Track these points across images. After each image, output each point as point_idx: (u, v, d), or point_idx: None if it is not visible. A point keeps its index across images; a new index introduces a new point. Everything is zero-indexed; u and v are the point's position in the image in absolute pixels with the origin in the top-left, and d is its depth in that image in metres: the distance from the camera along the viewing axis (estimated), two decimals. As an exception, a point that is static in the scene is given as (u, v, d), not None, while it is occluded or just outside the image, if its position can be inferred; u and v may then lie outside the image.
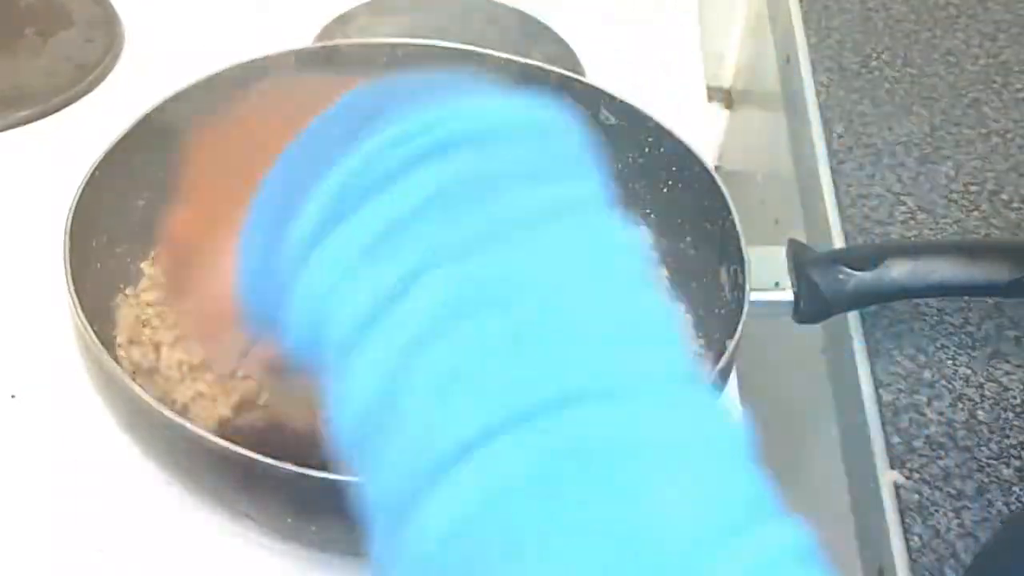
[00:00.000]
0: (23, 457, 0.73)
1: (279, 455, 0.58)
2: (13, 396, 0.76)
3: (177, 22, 1.07)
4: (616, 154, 0.84)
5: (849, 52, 1.06)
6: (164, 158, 0.79)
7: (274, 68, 0.82)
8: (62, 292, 0.66)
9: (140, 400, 0.61)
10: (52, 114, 0.96)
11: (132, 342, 0.72)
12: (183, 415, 0.66)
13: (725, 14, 1.35)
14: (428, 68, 0.41)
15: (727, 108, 1.41)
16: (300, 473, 0.59)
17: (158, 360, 0.71)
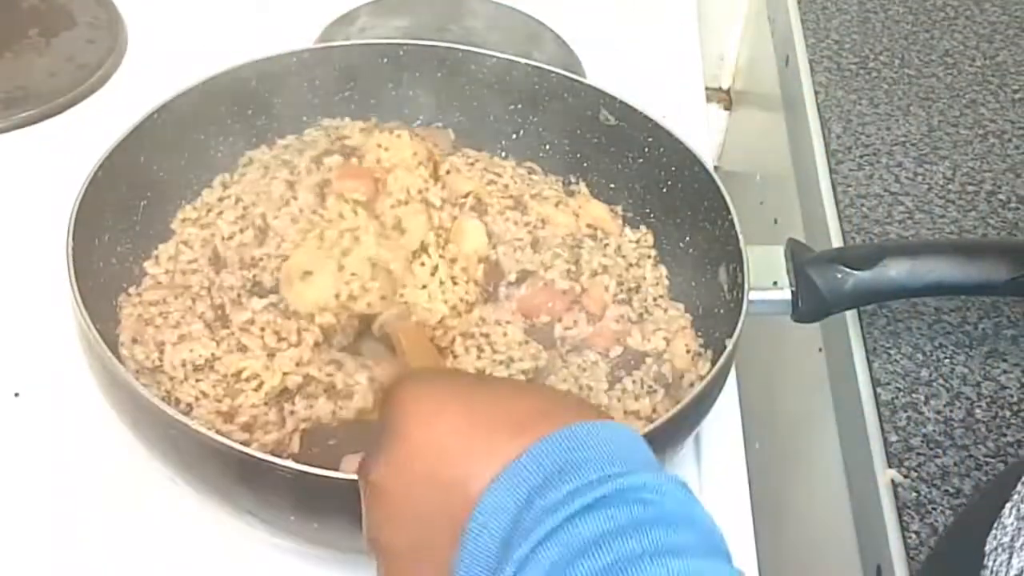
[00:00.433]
0: (27, 454, 0.73)
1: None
2: (17, 394, 0.76)
3: (179, 23, 1.08)
4: (616, 154, 0.84)
5: (847, 53, 1.07)
6: (166, 158, 0.80)
7: (275, 68, 0.83)
8: (65, 291, 0.66)
9: (143, 398, 0.62)
10: (55, 115, 0.97)
11: (135, 341, 0.72)
12: (186, 414, 0.66)
13: (725, 15, 1.35)
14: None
15: (726, 109, 1.41)
16: (302, 471, 0.59)
17: (161, 359, 0.71)
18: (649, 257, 0.82)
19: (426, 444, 0.46)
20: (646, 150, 0.83)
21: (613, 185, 0.85)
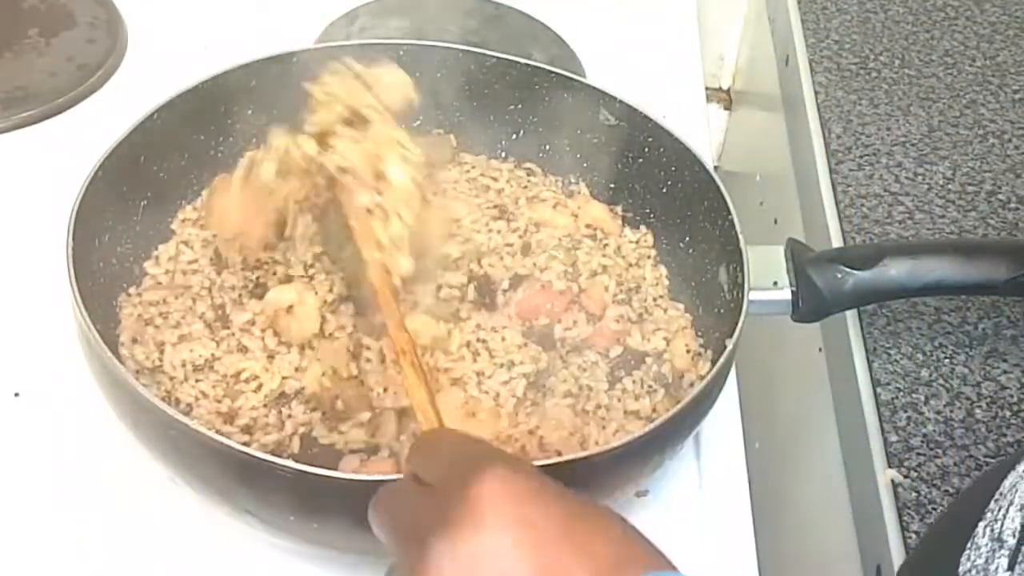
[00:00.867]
0: (27, 454, 0.73)
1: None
2: (17, 394, 0.76)
3: (179, 23, 1.08)
4: (616, 154, 0.84)
5: (847, 53, 1.07)
6: (166, 158, 0.80)
7: (275, 68, 0.83)
8: (65, 291, 0.66)
9: (143, 398, 0.61)
10: (55, 115, 0.97)
11: (135, 341, 0.72)
12: (186, 414, 0.66)
13: (725, 15, 1.35)
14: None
15: (726, 109, 1.41)
16: (301, 471, 0.59)
17: (161, 359, 0.72)
18: (649, 257, 0.82)
19: (498, 553, 0.44)
20: (646, 150, 0.83)
21: (613, 185, 0.85)
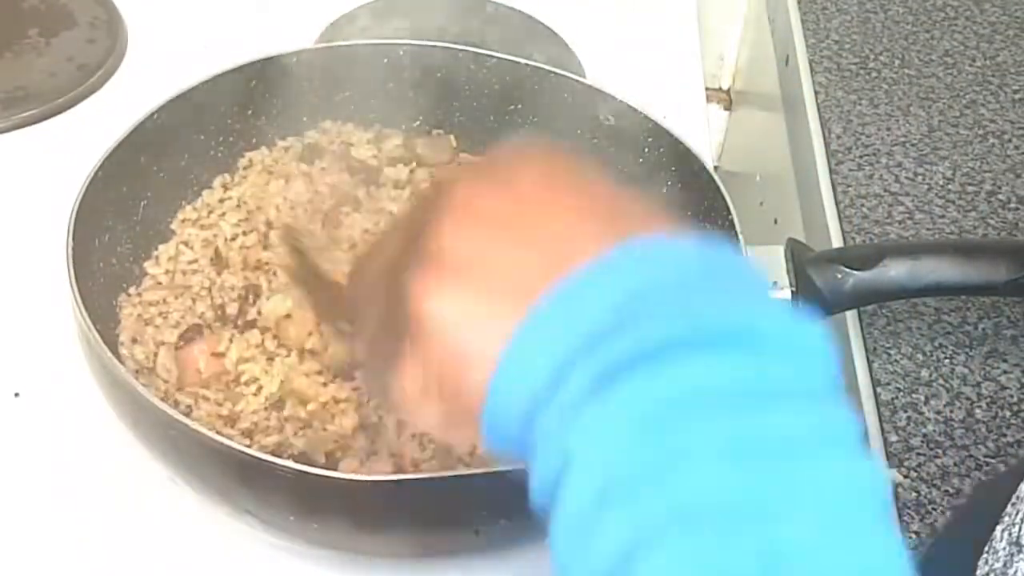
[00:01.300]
0: (27, 454, 0.73)
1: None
2: (17, 394, 0.76)
3: (179, 23, 1.07)
4: (616, 154, 0.84)
5: (847, 53, 1.07)
6: (167, 158, 0.80)
7: (275, 68, 0.83)
8: (65, 291, 0.66)
9: (143, 398, 0.62)
10: (55, 115, 0.97)
11: (135, 341, 0.72)
12: (186, 415, 0.66)
13: (725, 15, 1.35)
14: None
15: (726, 109, 1.41)
16: (301, 471, 0.59)
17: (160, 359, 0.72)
18: None
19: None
20: (646, 150, 0.83)
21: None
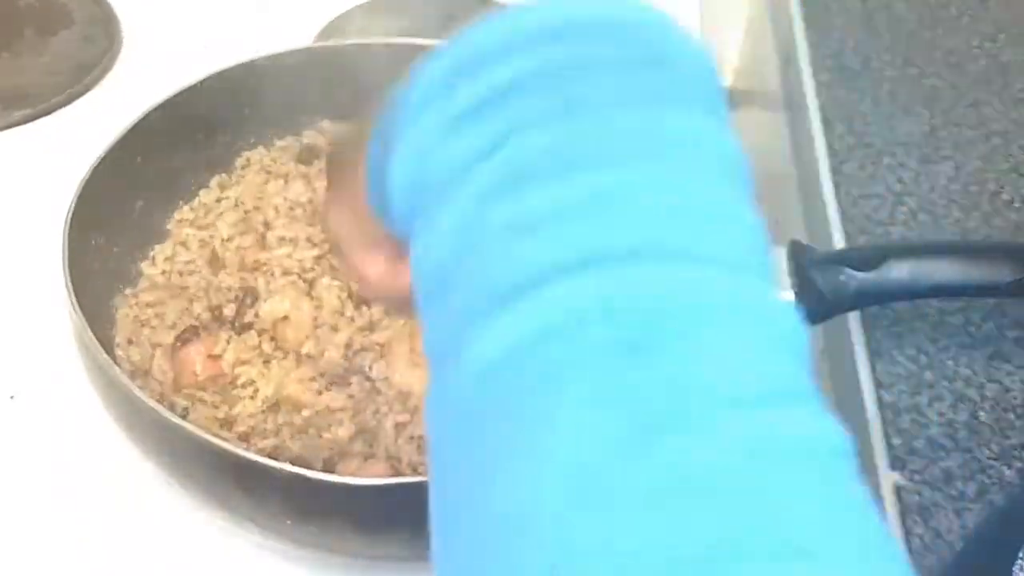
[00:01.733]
0: (22, 457, 0.73)
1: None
2: (12, 397, 0.76)
3: (176, 22, 1.07)
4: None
5: (850, 52, 1.06)
6: (163, 158, 0.79)
7: (274, 68, 0.83)
8: (61, 292, 0.66)
9: (139, 400, 0.61)
10: (51, 113, 0.96)
11: (131, 343, 0.72)
12: (182, 417, 0.66)
13: (725, 14, 1.35)
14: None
15: (727, 109, 1.41)
16: (299, 474, 0.59)
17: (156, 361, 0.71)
18: None
19: None
20: (647, 150, 0.82)
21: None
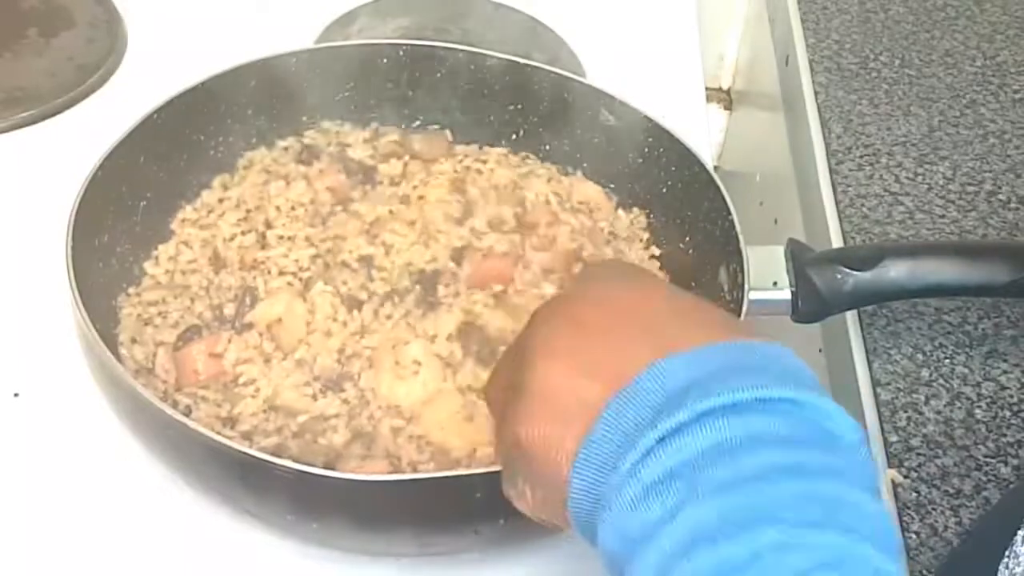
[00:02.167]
0: (26, 454, 0.73)
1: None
2: (16, 395, 0.76)
3: (179, 23, 1.07)
4: (616, 154, 0.84)
5: (848, 53, 1.07)
6: (166, 159, 0.80)
7: (275, 68, 0.83)
8: (65, 291, 0.66)
9: (142, 398, 0.61)
10: (55, 115, 0.97)
11: (134, 341, 0.72)
12: (185, 415, 0.66)
13: (725, 15, 1.35)
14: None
15: (726, 109, 1.41)
16: (301, 471, 0.59)
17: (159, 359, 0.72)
18: (641, 240, 0.82)
19: (588, 313, 0.47)
20: (646, 150, 0.83)
21: (613, 185, 0.85)
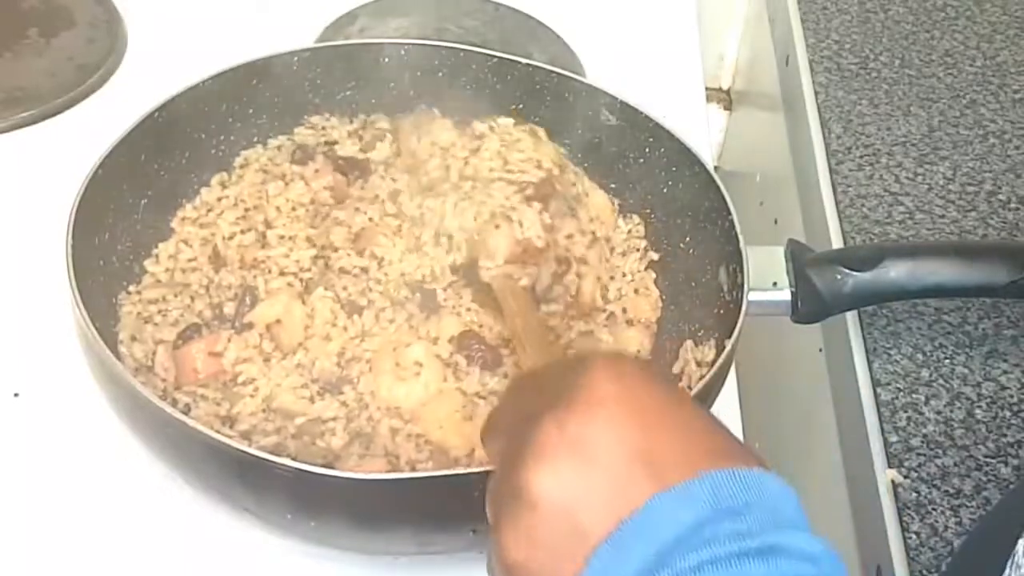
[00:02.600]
0: (27, 453, 0.73)
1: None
2: (16, 394, 0.76)
3: (179, 22, 1.08)
4: (616, 154, 0.84)
5: (848, 53, 1.07)
6: (167, 157, 0.80)
7: (275, 68, 0.83)
8: (65, 290, 0.66)
9: (142, 397, 0.61)
10: (55, 115, 0.97)
11: (134, 339, 0.72)
12: (185, 414, 0.66)
13: (725, 15, 1.35)
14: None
15: (726, 109, 1.41)
16: (300, 469, 0.59)
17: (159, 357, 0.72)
18: (638, 250, 0.82)
19: (605, 429, 0.45)
20: (646, 150, 0.83)
21: (613, 185, 0.85)
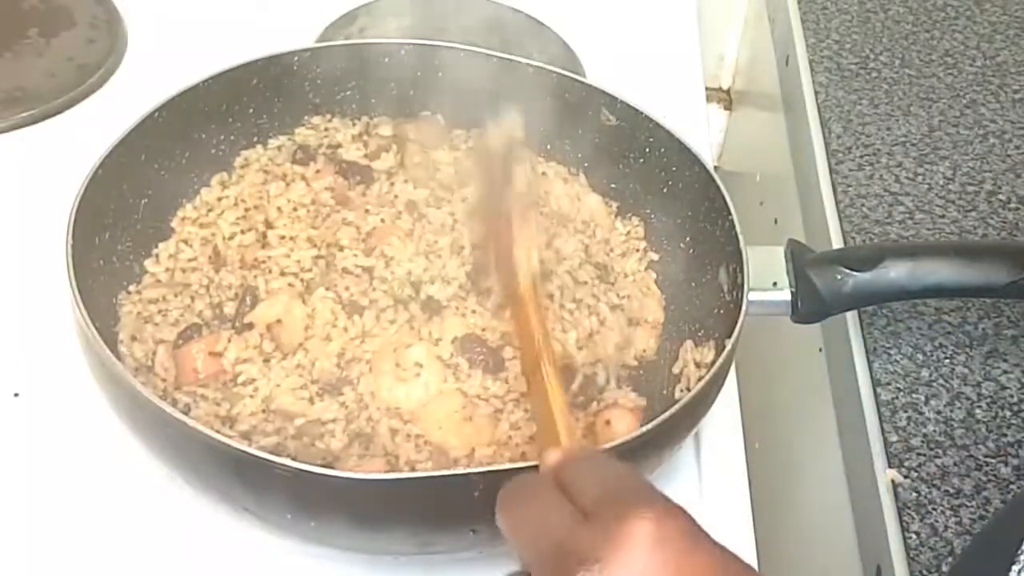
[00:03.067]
0: (27, 453, 0.73)
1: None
2: (16, 394, 0.76)
3: (179, 23, 1.08)
4: (616, 154, 0.84)
5: (848, 53, 1.07)
6: (167, 157, 0.80)
7: (275, 68, 0.83)
8: (65, 290, 0.66)
9: (142, 397, 0.61)
10: (55, 115, 0.97)
11: (134, 339, 0.72)
12: (185, 413, 0.66)
13: (725, 15, 1.35)
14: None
15: (726, 109, 1.41)
16: (299, 469, 0.59)
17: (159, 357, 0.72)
18: (637, 251, 0.82)
19: None
20: (646, 150, 0.83)
21: (613, 185, 0.85)
